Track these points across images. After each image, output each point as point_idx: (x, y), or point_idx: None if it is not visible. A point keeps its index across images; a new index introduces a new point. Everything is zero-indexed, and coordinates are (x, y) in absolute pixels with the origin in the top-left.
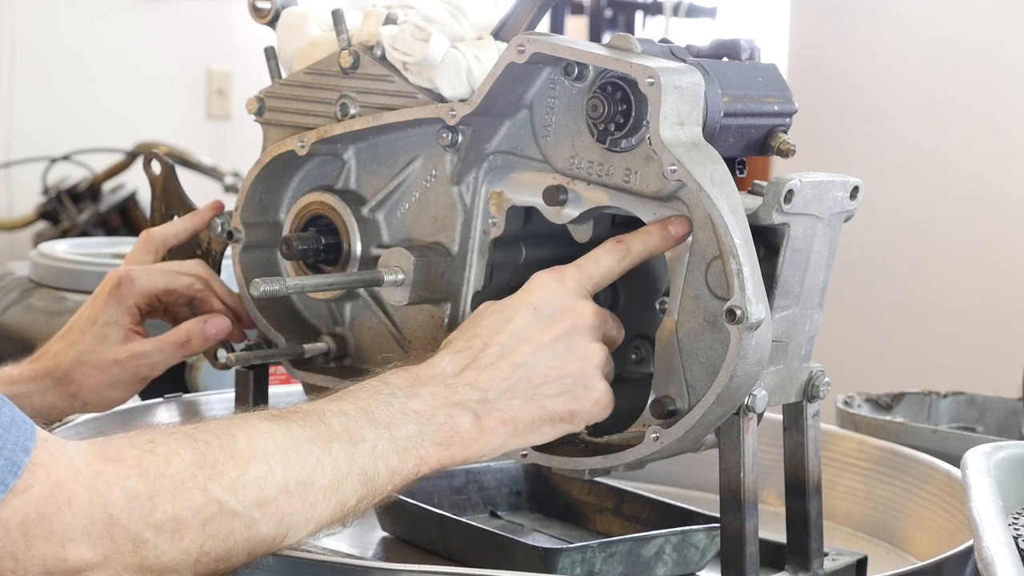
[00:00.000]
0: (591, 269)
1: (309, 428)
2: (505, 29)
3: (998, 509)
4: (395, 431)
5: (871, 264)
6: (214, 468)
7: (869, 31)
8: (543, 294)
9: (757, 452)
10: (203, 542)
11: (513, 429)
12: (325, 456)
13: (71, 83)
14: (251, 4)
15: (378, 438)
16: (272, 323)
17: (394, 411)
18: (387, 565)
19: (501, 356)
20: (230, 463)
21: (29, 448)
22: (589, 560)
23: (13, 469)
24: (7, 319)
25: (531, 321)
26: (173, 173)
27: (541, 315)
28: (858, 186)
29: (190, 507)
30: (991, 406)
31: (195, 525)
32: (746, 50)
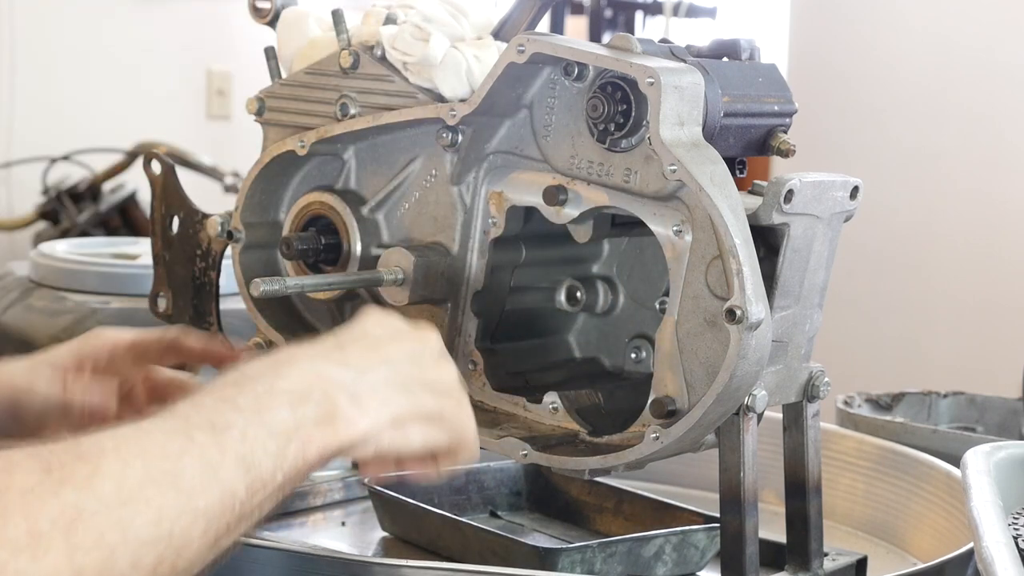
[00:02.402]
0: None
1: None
2: (505, 29)
3: (998, 509)
4: (266, 415)
5: (871, 264)
6: (63, 470)
7: (869, 31)
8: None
9: (757, 452)
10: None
11: (392, 416)
12: (188, 444)
13: (71, 83)
14: (251, 4)
15: (247, 423)
16: (272, 323)
17: (260, 393)
18: (387, 561)
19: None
20: (79, 463)
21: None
22: (589, 560)
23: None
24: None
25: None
26: (173, 173)
27: (388, 328)
28: (858, 186)
29: (46, 516)
30: (991, 406)
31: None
32: (746, 50)
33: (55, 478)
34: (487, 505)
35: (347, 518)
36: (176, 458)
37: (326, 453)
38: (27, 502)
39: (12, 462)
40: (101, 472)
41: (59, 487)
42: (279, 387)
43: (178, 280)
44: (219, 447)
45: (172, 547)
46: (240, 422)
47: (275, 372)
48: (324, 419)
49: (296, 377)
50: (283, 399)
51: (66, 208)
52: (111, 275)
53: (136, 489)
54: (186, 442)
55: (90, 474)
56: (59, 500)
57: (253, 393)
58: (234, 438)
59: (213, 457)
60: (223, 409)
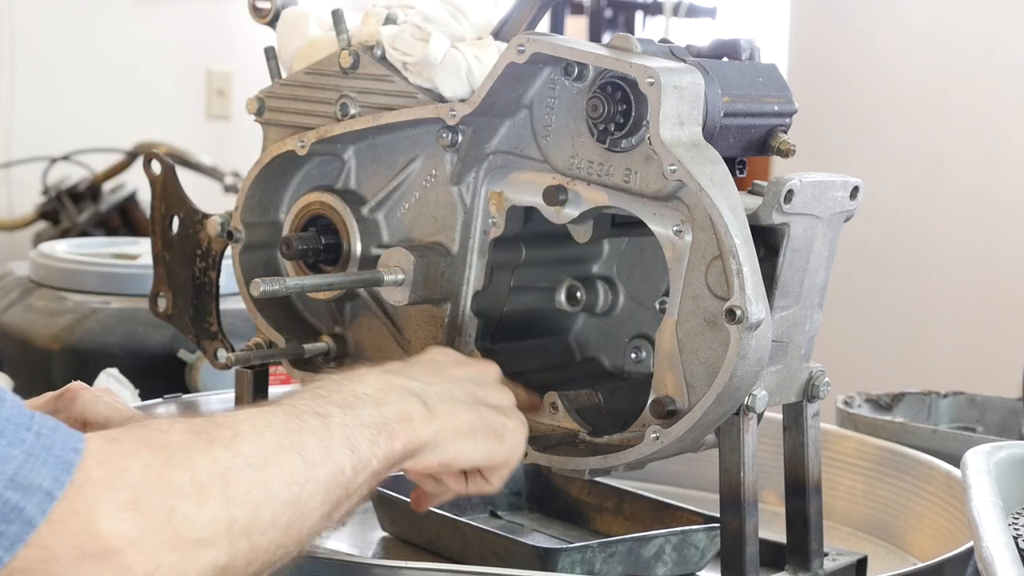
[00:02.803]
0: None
1: (278, 407)
2: (505, 29)
3: (998, 509)
4: (356, 410)
5: (871, 264)
6: (208, 433)
7: (869, 31)
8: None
9: (757, 452)
10: (227, 505)
11: (456, 427)
12: (304, 425)
13: (71, 83)
14: (251, 4)
15: (343, 414)
16: (272, 323)
17: (345, 395)
18: (387, 563)
19: (432, 370)
20: (221, 428)
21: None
22: (589, 560)
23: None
24: (7, 319)
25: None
26: (173, 173)
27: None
28: (858, 186)
29: (203, 468)
30: (991, 406)
31: (214, 487)
32: (746, 50)
33: (204, 438)
34: (487, 505)
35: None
36: (297, 432)
37: (408, 448)
38: (187, 455)
39: (167, 423)
40: (241, 436)
41: (210, 445)
42: (360, 391)
43: (178, 280)
44: (327, 429)
45: (300, 511)
46: (338, 413)
47: (354, 380)
48: (403, 419)
49: (373, 383)
50: (366, 400)
51: (66, 208)
52: (111, 275)
53: (272, 453)
54: (300, 422)
55: (232, 437)
56: (212, 456)
57: (340, 394)
58: (336, 424)
59: (324, 436)
60: (321, 403)
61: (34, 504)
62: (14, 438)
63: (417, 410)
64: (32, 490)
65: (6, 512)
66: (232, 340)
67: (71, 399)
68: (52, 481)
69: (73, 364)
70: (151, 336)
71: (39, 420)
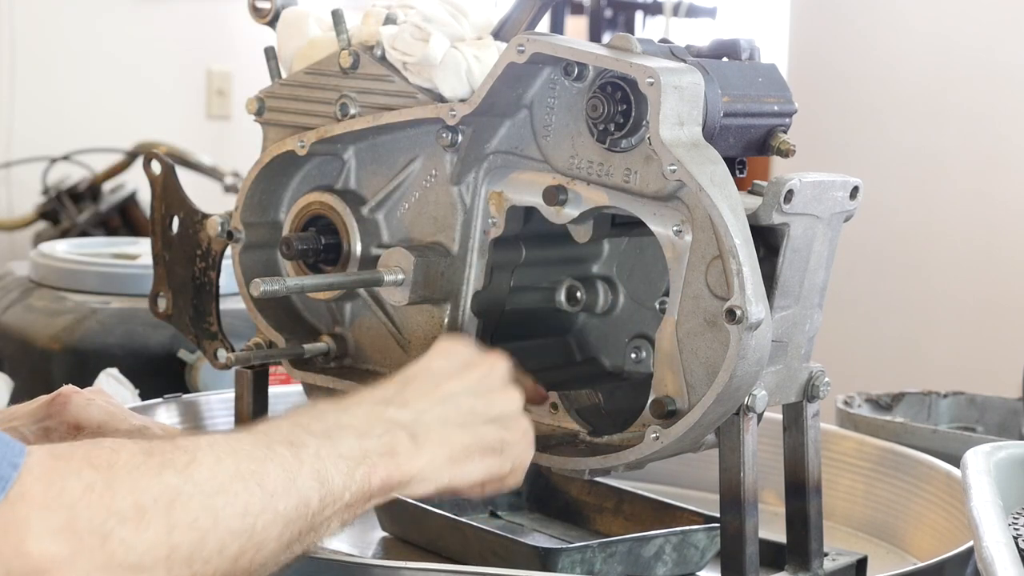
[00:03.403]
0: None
1: (247, 435)
2: (505, 29)
3: (998, 509)
4: (336, 441)
5: (871, 264)
6: (163, 456)
7: (869, 31)
8: (451, 347)
9: (757, 452)
10: (169, 531)
11: (450, 453)
12: (271, 454)
13: (71, 83)
14: (251, 4)
15: (320, 445)
16: (272, 323)
17: (329, 425)
18: (387, 563)
19: (427, 389)
20: (178, 452)
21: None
22: (589, 560)
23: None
24: (7, 319)
25: (448, 365)
26: (173, 173)
27: (456, 361)
28: (858, 186)
29: (149, 492)
30: (991, 406)
31: (158, 511)
32: (746, 50)
33: (156, 461)
34: (487, 505)
35: None
36: (261, 462)
37: (389, 483)
38: (133, 478)
39: (118, 443)
40: (197, 461)
41: (161, 469)
42: (344, 421)
43: (178, 280)
44: (297, 459)
45: (253, 541)
46: (314, 443)
47: (341, 409)
48: (386, 452)
49: (360, 415)
50: (349, 431)
51: (66, 208)
52: (111, 275)
53: (227, 481)
54: (268, 451)
55: (188, 462)
56: (161, 480)
57: (323, 423)
58: (309, 455)
59: (292, 466)
60: (298, 432)
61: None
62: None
63: (403, 444)
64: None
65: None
66: (232, 340)
67: (63, 404)
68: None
69: (73, 364)
70: (151, 336)
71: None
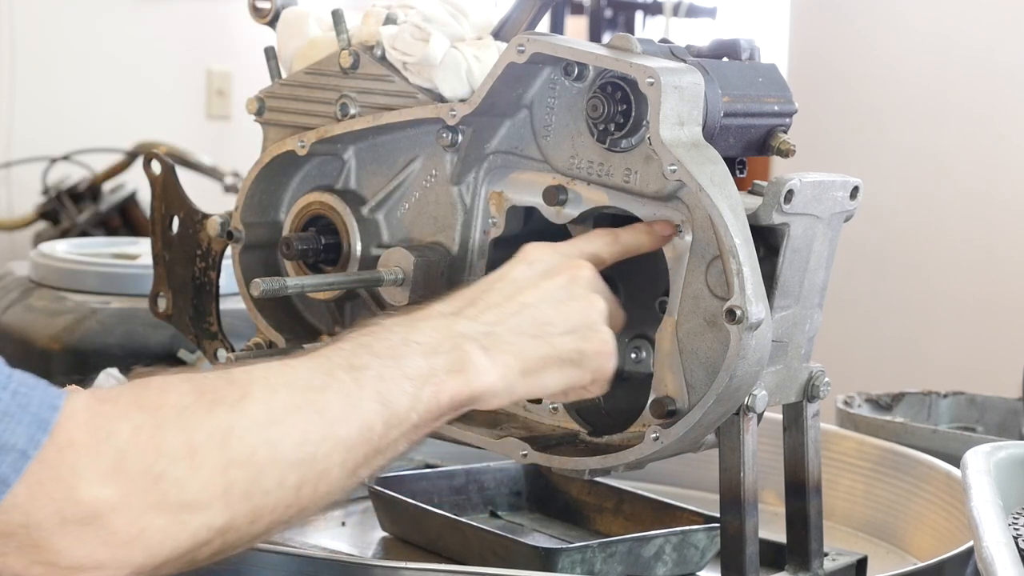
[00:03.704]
0: (581, 244)
1: (307, 360)
2: (505, 29)
3: (998, 509)
4: (401, 361)
5: (871, 264)
6: (215, 393)
7: (869, 31)
8: (537, 253)
9: (757, 452)
10: (225, 467)
11: (523, 366)
12: (331, 380)
13: (71, 83)
14: (251, 4)
15: (383, 366)
16: (272, 323)
17: (395, 343)
18: (387, 563)
19: (503, 299)
20: (231, 388)
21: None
22: (589, 560)
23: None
24: (7, 319)
25: (528, 272)
26: (173, 173)
27: (538, 268)
28: (858, 186)
29: (201, 430)
30: (991, 406)
31: (212, 448)
32: (746, 50)
33: (207, 399)
34: (487, 505)
35: (347, 518)
36: (320, 390)
37: (458, 400)
38: (183, 418)
39: (167, 382)
40: (251, 396)
41: (212, 406)
42: (412, 339)
43: (178, 280)
44: (358, 383)
45: (314, 471)
46: (376, 364)
47: (409, 326)
48: (455, 368)
49: (428, 331)
50: (416, 349)
51: (66, 208)
52: (111, 275)
53: (283, 413)
54: (327, 378)
55: (240, 397)
56: (213, 418)
57: (388, 342)
58: (371, 377)
59: (353, 391)
60: (361, 353)
61: (8, 464)
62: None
63: (473, 359)
64: (6, 450)
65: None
66: (232, 340)
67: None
68: (27, 440)
69: (73, 364)
70: (151, 336)
71: (17, 378)
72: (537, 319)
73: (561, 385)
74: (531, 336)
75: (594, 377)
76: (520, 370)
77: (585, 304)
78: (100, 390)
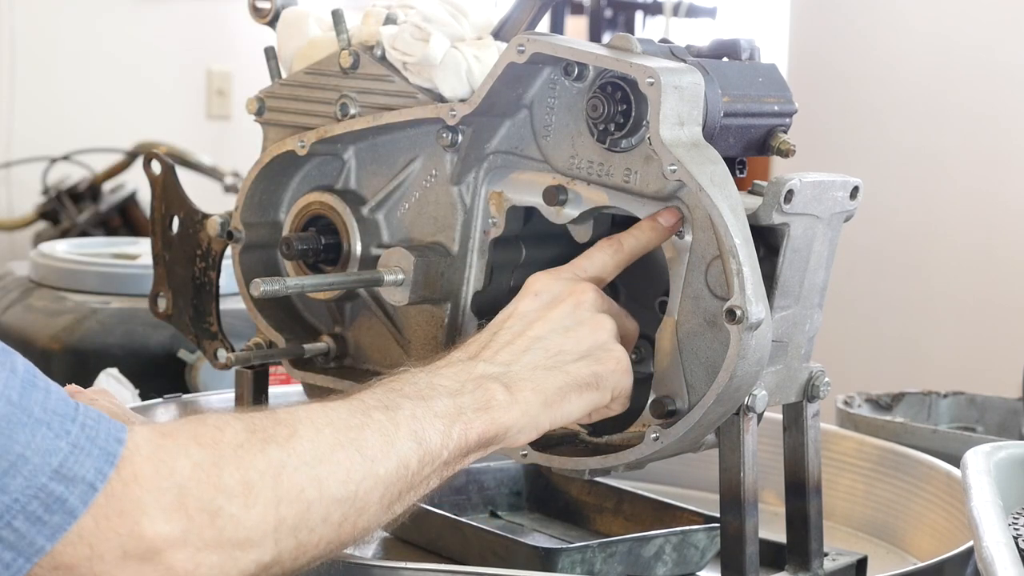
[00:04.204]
0: (583, 263)
1: (343, 403)
2: (505, 29)
3: (998, 509)
4: (430, 402)
5: (871, 264)
6: (265, 432)
7: (869, 31)
8: (540, 284)
9: (757, 452)
10: (276, 504)
11: (543, 399)
12: (368, 420)
13: (71, 83)
14: (251, 4)
15: (415, 407)
16: (272, 323)
17: (421, 387)
18: (387, 564)
19: (514, 336)
20: (279, 426)
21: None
22: (589, 560)
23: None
24: (7, 319)
25: (535, 304)
26: (173, 173)
27: (543, 299)
28: (858, 186)
29: (255, 468)
30: (991, 406)
31: (265, 486)
32: (746, 50)
33: (259, 437)
34: (487, 505)
35: None
36: (359, 429)
37: (485, 437)
38: (239, 455)
39: (221, 420)
40: (298, 435)
41: (264, 444)
42: (436, 383)
43: (178, 280)
44: (394, 423)
45: (355, 507)
46: (408, 405)
47: (432, 372)
48: (480, 407)
49: (450, 375)
50: (442, 391)
51: (66, 208)
52: (111, 275)
53: (328, 451)
54: (365, 418)
55: (289, 435)
56: (266, 455)
57: (415, 386)
58: (406, 416)
59: (389, 430)
60: (392, 396)
61: (76, 496)
62: (60, 430)
63: (497, 397)
64: (76, 481)
65: (50, 503)
66: (232, 340)
67: None
68: (95, 473)
69: (73, 364)
70: (151, 336)
71: (83, 411)
72: (550, 350)
73: (583, 410)
74: (546, 368)
75: (614, 395)
76: (541, 403)
77: (593, 326)
78: (159, 424)
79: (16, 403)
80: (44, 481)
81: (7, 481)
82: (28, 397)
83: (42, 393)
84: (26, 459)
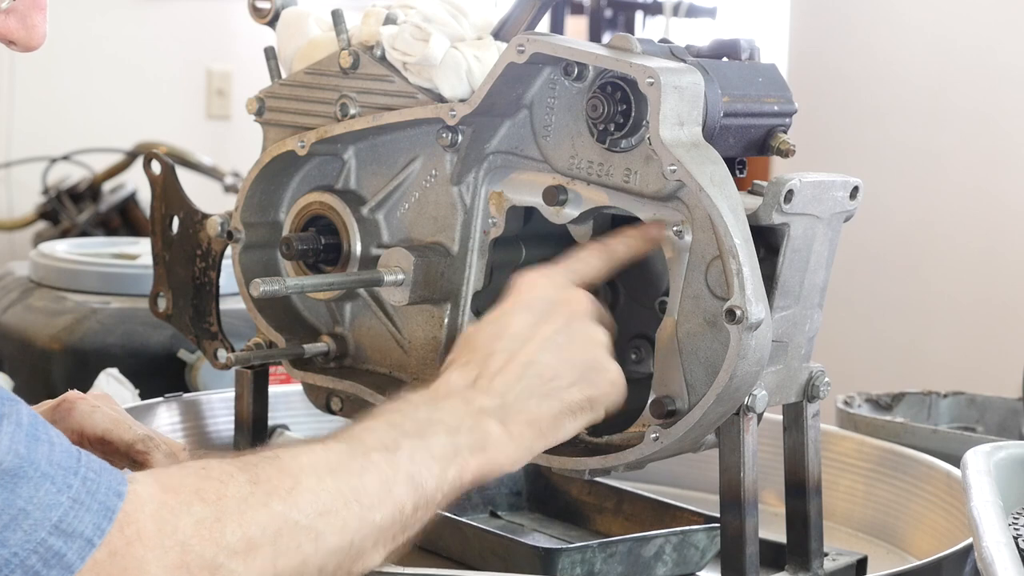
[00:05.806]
0: (575, 265)
1: (344, 444)
2: (505, 29)
3: (998, 509)
4: (428, 441)
5: (871, 264)
6: (269, 483)
7: (869, 31)
8: (532, 292)
9: (757, 452)
10: (275, 560)
11: (538, 430)
12: (368, 464)
13: (71, 83)
14: (251, 4)
15: (413, 448)
16: (272, 323)
17: (420, 423)
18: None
19: (508, 360)
20: (282, 477)
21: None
22: (589, 560)
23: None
24: (7, 319)
25: (528, 319)
26: (173, 173)
27: (536, 311)
28: (858, 186)
29: (257, 524)
30: (991, 406)
31: (265, 542)
32: (746, 50)
33: (263, 489)
34: (487, 505)
35: None
36: (359, 475)
37: (479, 476)
38: (241, 511)
39: (226, 472)
40: (301, 486)
41: (268, 497)
42: (436, 417)
43: (178, 280)
44: (392, 466)
45: (351, 556)
46: (407, 445)
47: (433, 403)
48: (477, 447)
49: (450, 409)
50: (440, 428)
51: (66, 208)
52: (111, 275)
53: (329, 503)
54: (365, 460)
55: (291, 488)
56: (268, 510)
57: (416, 421)
58: (404, 459)
59: (388, 475)
60: (393, 434)
61: (74, 551)
62: (63, 483)
63: (493, 435)
64: (74, 537)
65: (48, 557)
66: (232, 340)
67: (68, 410)
68: (93, 528)
69: (73, 364)
70: (151, 336)
71: (85, 463)
72: (543, 376)
73: (578, 430)
74: (540, 396)
75: (608, 412)
76: (536, 434)
77: (586, 344)
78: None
79: (24, 456)
80: (43, 536)
81: (7, 535)
82: (35, 451)
83: (46, 446)
84: (27, 513)
